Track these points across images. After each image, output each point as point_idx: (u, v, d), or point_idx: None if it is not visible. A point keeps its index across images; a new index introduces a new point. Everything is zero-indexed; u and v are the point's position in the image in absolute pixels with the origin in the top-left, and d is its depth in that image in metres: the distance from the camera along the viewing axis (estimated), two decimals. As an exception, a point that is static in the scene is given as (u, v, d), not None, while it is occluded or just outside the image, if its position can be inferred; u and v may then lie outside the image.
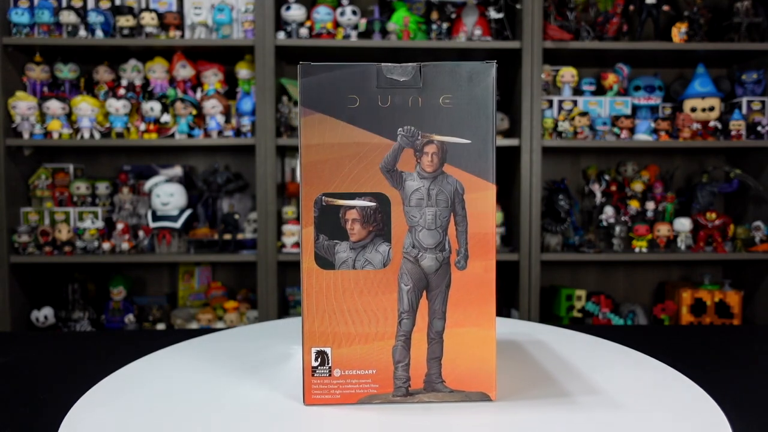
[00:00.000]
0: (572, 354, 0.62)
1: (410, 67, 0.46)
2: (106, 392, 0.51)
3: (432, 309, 0.47)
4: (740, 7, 2.04)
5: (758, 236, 2.05)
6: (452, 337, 0.47)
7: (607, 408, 0.46)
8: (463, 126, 0.46)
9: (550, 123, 2.03)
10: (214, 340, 0.68)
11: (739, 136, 2.04)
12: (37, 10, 1.95)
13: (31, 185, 2.08)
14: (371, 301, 0.47)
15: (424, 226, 0.46)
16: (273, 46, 1.94)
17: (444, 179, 0.46)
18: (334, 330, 0.47)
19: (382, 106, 0.46)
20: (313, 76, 0.46)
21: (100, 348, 0.70)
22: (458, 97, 0.46)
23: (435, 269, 0.46)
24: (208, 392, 0.51)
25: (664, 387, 0.52)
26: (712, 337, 0.75)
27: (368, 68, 0.46)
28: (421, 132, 0.46)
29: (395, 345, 0.47)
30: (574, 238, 2.10)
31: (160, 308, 2.12)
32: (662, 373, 0.55)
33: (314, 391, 0.47)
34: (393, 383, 0.47)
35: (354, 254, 0.47)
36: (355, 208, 0.46)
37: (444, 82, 0.46)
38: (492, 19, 2.03)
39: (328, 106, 0.46)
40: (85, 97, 1.97)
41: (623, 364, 0.58)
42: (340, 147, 0.46)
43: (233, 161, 2.25)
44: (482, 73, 0.46)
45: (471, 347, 0.47)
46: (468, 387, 0.47)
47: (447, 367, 0.47)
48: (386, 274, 0.47)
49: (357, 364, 0.47)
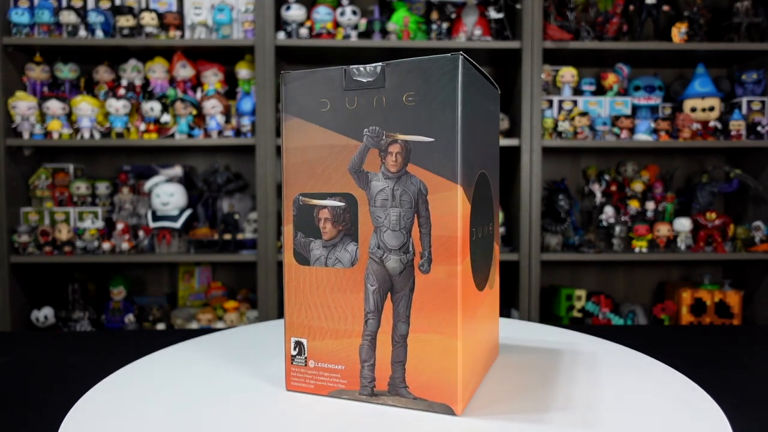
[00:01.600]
0: (572, 354, 0.62)
1: (374, 67, 0.46)
2: (106, 392, 0.51)
3: (396, 312, 0.46)
4: (740, 7, 2.04)
5: (758, 236, 2.05)
6: (415, 343, 0.46)
7: (606, 408, 0.46)
8: (426, 124, 0.44)
9: (550, 123, 2.03)
10: (214, 340, 0.68)
11: (739, 136, 2.04)
12: (37, 10, 1.95)
13: (31, 185, 2.08)
14: (341, 298, 0.48)
15: (388, 227, 0.46)
16: (273, 46, 1.94)
17: (408, 179, 0.45)
18: (309, 323, 0.49)
19: (350, 107, 0.47)
20: (292, 84, 0.49)
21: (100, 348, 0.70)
22: (421, 94, 0.44)
23: (399, 271, 0.46)
24: (208, 392, 0.51)
25: (664, 387, 0.52)
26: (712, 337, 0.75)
27: (337, 71, 0.47)
28: (385, 132, 0.45)
29: (362, 344, 0.47)
30: (574, 238, 2.10)
31: (160, 308, 2.12)
32: (662, 373, 0.55)
33: (293, 378, 0.50)
34: (359, 381, 0.48)
35: (326, 252, 0.48)
36: (326, 207, 0.48)
37: (407, 79, 0.45)
38: (492, 19, 2.03)
39: (303, 110, 0.49)
40: (85, 97, 1.97)
41: (623, 365, 0.58)
42: (314, 149, 0.48)
43: (233, 161, 2.25)
44: (446, 67, 0.44)
45: (434, 355, 0.45)
46: (431, 396, 0.45)
47: (411, 373, 0.46)
48: (354, 273, 0.47)
49: (328, 357, 0.49)
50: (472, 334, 0.48)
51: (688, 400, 0.48)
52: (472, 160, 0.46)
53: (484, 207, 0.51)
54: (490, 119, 0.54)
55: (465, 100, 0.44)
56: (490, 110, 0.54)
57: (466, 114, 0.45)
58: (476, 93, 0.48)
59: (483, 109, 0.51)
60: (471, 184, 0.46)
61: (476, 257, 0.49)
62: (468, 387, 0.47)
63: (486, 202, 0.52)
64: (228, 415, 0.46)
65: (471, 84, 0.46)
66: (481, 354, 0.51)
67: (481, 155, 0.50)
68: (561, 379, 0.54)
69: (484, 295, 0.52)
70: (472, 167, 0.47)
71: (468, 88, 0.45)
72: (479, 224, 0.49)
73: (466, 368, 0.46)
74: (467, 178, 0.45)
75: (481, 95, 0.50)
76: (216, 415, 0.46)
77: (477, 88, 0.48)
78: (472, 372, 0.48)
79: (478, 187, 0.49)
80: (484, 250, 0.51)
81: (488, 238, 0.53)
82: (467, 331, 0.46)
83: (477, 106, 0.48)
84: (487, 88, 0.52)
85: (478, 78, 0.49)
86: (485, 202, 0.51)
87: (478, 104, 0.49)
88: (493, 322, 0.57)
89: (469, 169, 0.46)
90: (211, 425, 0.44)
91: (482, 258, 0.51)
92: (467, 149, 0.45)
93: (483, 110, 0.51)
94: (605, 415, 0.45)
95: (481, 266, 0.51)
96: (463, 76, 0.44)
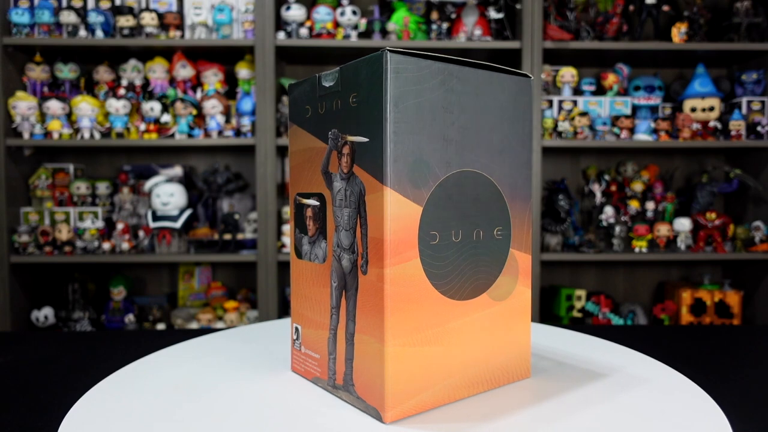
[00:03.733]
0: (571, 354, 0.62)
1: (335, 72, 0.47)
2: (106, 392, 0.51)
3: (347, 309, 0.47)
4: (740, 7, 2.04)
5: (758, 236, 2.05)
6: (359, 343, 0.46)
7: (606, 408, 0.46)
8: (365, 124, 0.44)
9: (550, 123, 2.03)
10: (214, 340, 0.69)
11: (738, 136, 2.04)
12: (37, 10, 1.95)
13: (31, 185, 2.08)
14: (317, 291, 0.51)
15: (343, 227, 0.47)
16: (273, 46, 1.94)
17: (354, 180, 0.45)
18: (302, 311, 0.53)
19: (320, 112, 0.49)
20: (292, 92, 0.53)
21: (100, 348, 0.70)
22: (361, 94, 0.44)
23: (349, 270, 0.47)
24: (208, 392, 0.51)
25: (663, 387, 0.52)
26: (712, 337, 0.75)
27: (314, 79, 0.50)
28: (340, 134, 0.46)
29: (329, 337, 0.50)
30: (574, 238, 2.10)
31: (160, 308, 2.12)
32: (662, 373, 0.56)
33: (293, 360, 0.55)
34: (327, 372, 0.50)
35: (310, 248, 0.52)
36: (309, 206, 0.51)
37: (352, 81, 0.45)
38: (492, 19, 2.03)
39: (296, 117, 0.53)
40: (85, 97, 1.97)
41: (623, 365, 0.58)
42: (303, 152, 0.52)
43: (233, 161, 2.25)
44: (374, 65, 0.43)
45: (371, 357, 0.45)
46: (368, 398, 0.45)
47: (356, 372, 0.46)
48: (324, 269, 0.49)
49: (311, 345, 0.52)
50: (425, 344, 0.45)
51: (688, 400, 0.48)
52: (427, 158, 0.44)
53: (476, 208, 0.48)
54: (488, 112, 0.49)
55: (402, 97, 0.43)
56: (487, 103, 0.48)
57: (407, 111, 0.43)
58: (439, 88, 0.45)
59: (462, 104, 0.46)
60: (423, 185, 0.44)
61: (451, 263, 0.46)
62: (409, 397, 0.44)
63: (478, 203, 0.48)
64: (228, 414, 0.46)
65: (420, 80, 0.44)
66: (457, 368, 0.48)
67: (462, 152, 0.47)
68: (558, 378, 0.54)
69: (473, 306, 0.48)
70: (425, 166, 0.44)
71: (411, 84, 0.43)
72: (459, 227, 0.47)
73: (406, 378, 0.44)
74: (409, 179, 0.43)
75: (455, 90, 0.46)
76: (216, 414, 0.46)
77: (440, 82, 0.45)
78: (421, 383, 0.45)
79: (456, 187, 0.46)
80: (475, 256, 0.48)
81: (487, 244, 0.49)
82: (412, 338, 0.44)
83: (441, 101, 0.45)
84: (476, 81, 0.48)
85: (446, 70, 0.45)
86: (476, 204, 0.48)
87: (445, 99, 0.45)
88: (494, 337, 0.50)
89: (416, 168, 0.44)
90: (211, 425, 0.44)
91: (471, 264, 0.48)
92: (410, 147, 0.43)
93: (461, 104, 0.46)
94: (605, 416, 0.45)
95: (469, 274, 0.48)
96: (393, 72, 0.42)
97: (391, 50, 0.42)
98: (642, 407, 0.47)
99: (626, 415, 0.45)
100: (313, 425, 0.43)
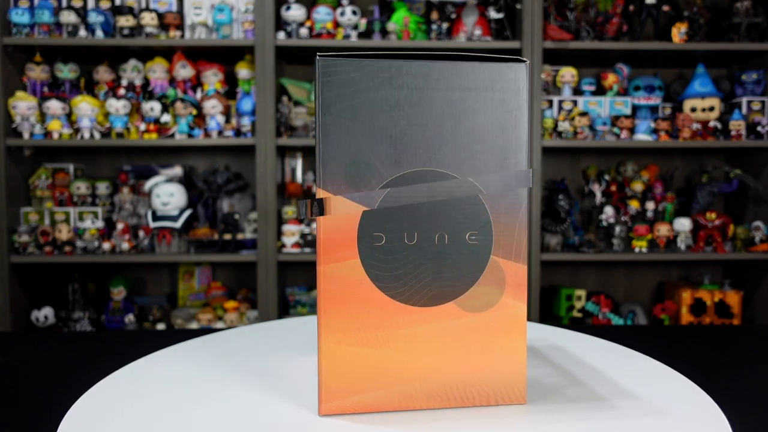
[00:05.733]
0: (569, 354, 0.62)
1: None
2: (106, 392, 0.51)
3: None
4: (740, 7, 2.04)
5: (758, 236, 2.05)
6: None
7: (605, 408, 0.46)
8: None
9: (550, 123, 2.03)
10: (214, 340, 0.68)
11: (738, 136, 2.04)
12: (37, 10, 1.95)
13: (31, 185, 2.08)
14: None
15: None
16: (273, 46, 1.94)
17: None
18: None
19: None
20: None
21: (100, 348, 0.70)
22: (317, 99, 0.45)
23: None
24: (208, 392, 0.51)
25: (664, 387, 0.52)
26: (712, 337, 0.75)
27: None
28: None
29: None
30: (574, 238, 2.10)
31: (160, 308, 2.12)
32: (662, 374, 0.55)
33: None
34: None
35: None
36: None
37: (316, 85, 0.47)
38: (492, 19, 2.03)
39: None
40: (85, 97, 1.97)
41: (623, 365, 0.58)
42: None
43: (233, 161, 2.25)
44: (317, 70, 0.44)
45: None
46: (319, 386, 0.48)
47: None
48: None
49: None
50: (369, 345, 0.45)
51: (688, 400, 0.48)
52: (369, 158, 0.44)
53: (438, 210, 0.45)
54: (455, 106, 0.45)
55: (335, 99, 0.43)
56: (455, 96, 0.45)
57: (342, 113, 0.44)
58: (383, 86, 0.44)
59: (417, 100, 0.45)
60: (365, 186, 0.44)
61: (403, 266, 0.45)
62: (347, 395, 0.45)
63: (441, 204, 0.45)
64: (228, 414, 0.46)
65: (358, 81, 0.44)
66: (414, 377, 0.46)
67: (417, 150, 0.45)
68: (552, 380, 0.54)
69: (436, 314, 0.45)
70: (366, 167, 0.44)
71: (346, 86, 0.43)
72: (413, 229, 0.45)
73: (343, 375, 0.45)
74: (346, 180, 0.44)
75: (406, 86, 0.45)
76: (216, 414, 0.46)
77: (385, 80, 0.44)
78: (364, 384, 0.45)
79: (411, 188, 0.45)
80: (437, 261, 0.45)
81: (455, 249, 0.46)
82: (352, 338, 0.44)
83: (387, 99, 0.44)
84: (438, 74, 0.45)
85: (393, 67, 0.44)
86: (438, 205, 0.45)
87: (392, 97, 0.44)
88: (468, 351, 0.46)
89: (354, 169, 0.44)
90: (211, 425, 0.44)
91: (433, 270, 0.45)
92: (346, 149, 0.44)
93: (415, 101, 0.45)
94: (604, 415, 0.45)
95: (429, 279, 0.45)
96: (324, 76, 0.43)
97: (323, 55, 0.43)
98: (642, 407, 0.47)
99: (626, 415, 0.45)
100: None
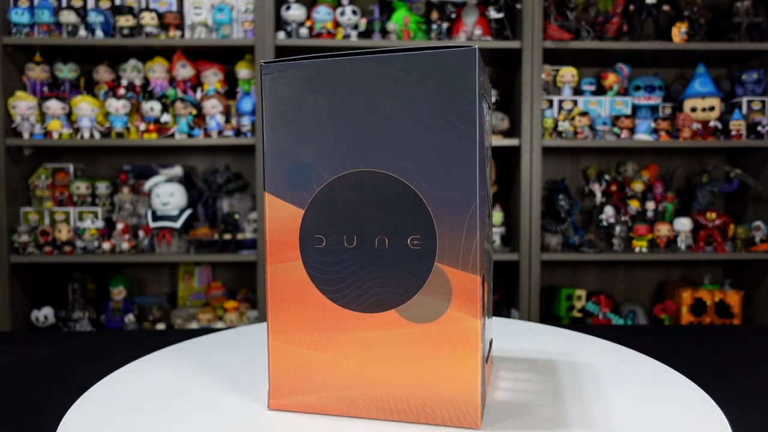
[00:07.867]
0: (569, 353, 0.62)
1: None
2: (106, 392, 0.51)
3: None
4: (740, 7, 2.04)
5: (758, 236, 2.05)
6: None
7: (605, 408, 0.46)
8: None
9: (550, 123, 2.03)
10: (215, 340, 0.68)
11: (739, 136, 2.04)
12: (37, 10, 1.95)
13: (31, 185, 2.08)
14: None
15: None
16: (273, 46, 1.94)
17: None
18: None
19: None
20: None
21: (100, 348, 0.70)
22: None
23: None
24: (208, 392, 0.51)
25: (664, 387, 0.52)
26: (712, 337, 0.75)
27: None
28: None
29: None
30: (574, 238, 2.10)
31: (160, 308, 2.12)
32: (662, 373, 0.55)
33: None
34: None
35: None
36: None
37: None
38: (492, 18, 2.03)
39: None
40: (85, 97, 1.97)
41: (623, 365, 0.58)
42: None
43: (233, 161, 2.25)
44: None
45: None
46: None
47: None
48: None
49: None
50: (312, 347, 0.45)
51: (688, 400, 0.48)
52: (310, 160, 0.45)
53: (380, 213, 0.43)
54: (400, 103, 0.43)
55: (279, 103, 0.45)
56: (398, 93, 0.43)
57: (285, 117, 0.46)
58: (323, 87, 0.44)
59: (358, 100, 0.44)
60: (305, 188, 0.45)
61: (344, 269, 0.44)
62: (292, 394, 0.46)
63: (383, 207, 0.43)
64: (228, 414, 0.46)
65: (299, 83, 0.44)
66: (357, 384, 0.44)
67: (358, 151, 0.43)
68: (550, 380, 0.54)
69: (378, 321, 0.44)
70: (306, 169, 0.45)
71: (288, 89, 0.45)
72: (353, 232, 0.44)
73: (288, 374, 0.46)
74: (287, 182, 0.46)
75: (346, 86, 0.44)
76: (216, 414, 0.46)
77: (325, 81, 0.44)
78: (307, 385, 0.46)
79: (352, 189, 0.44)
80: (378, 266, 0.44)
81: (397, 254, 0.43)
82: (297, 339, 0.45)
83: (328, 101, 0.44)
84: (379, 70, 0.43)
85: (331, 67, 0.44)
86: (380, 208, 0.43)
87: (334, 98, 0.44)
88: (413, 364, 0.43)
89: (295, 172, 0.45)
90: (211, 425, 0.44)
91: (375, 275, 0.44)
92: (288, 152, 0.46)
93: (357, 101, 0.44)
94: (604, 415, 0.45)
95: (370, 284, 0.44)
96: (269, 81, 0.45)
97: (266, 61, 0.45)
98: (642, 407, 0.47)
99: (626, 415, 0.45)
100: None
